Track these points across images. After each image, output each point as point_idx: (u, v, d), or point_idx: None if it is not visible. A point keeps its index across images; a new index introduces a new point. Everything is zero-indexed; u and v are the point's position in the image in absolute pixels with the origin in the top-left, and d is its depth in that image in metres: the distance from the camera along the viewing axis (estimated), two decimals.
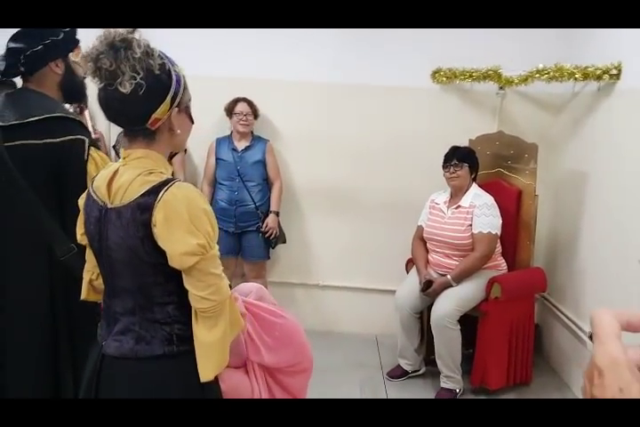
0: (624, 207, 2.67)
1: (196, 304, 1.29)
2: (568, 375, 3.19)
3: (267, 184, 3.47)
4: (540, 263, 3.41)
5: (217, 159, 3.43)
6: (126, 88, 1.21)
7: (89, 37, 1.30)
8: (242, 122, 3.36)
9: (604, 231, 2.85)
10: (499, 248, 3.06)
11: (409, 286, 3.10)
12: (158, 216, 1.23)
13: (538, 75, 2.97)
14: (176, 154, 2.90)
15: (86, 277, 1.51)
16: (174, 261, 1.26)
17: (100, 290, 1.48)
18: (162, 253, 1.26)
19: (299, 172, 3.64)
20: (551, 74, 2.90)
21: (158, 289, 1.32)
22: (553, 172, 3.41)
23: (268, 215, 3.40)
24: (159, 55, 1.28)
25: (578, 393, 3.05)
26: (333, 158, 3.61)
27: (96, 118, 3.21)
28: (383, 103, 3.54)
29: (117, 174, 1.33)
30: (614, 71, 2.71)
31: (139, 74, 1.23)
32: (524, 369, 3.10)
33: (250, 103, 3.36)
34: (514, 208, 3.14)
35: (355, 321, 3.65)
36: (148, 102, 1.27)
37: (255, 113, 3.41)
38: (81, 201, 1.43)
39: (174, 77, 1.31)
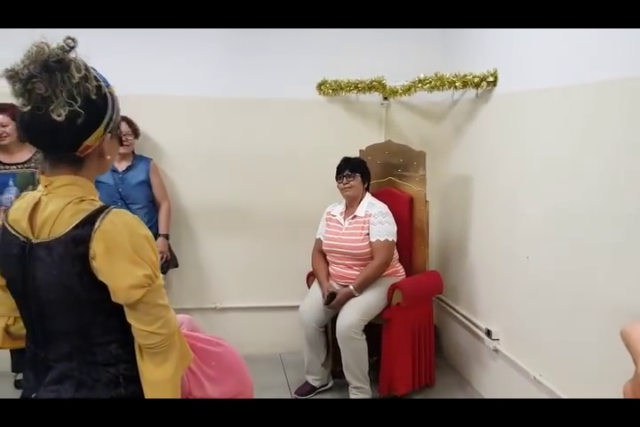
0: (508, 207, 2.81)
1: (144, 340, 1.22)
2: (469, 373, 3.32)
3: (153, 206, 3.33)
4: (435, 266, 3.52)
5: (96, 182, 3.22)
6: (60, 115, 1.11)
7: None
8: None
9: (492, 231, 2.99)
10: (396, 255, 3.13)
11: (312, 301, 3.09)
12: (97, 248, 1.15)
13: (420, 84, 3.08)
14: None
15: (0, 323, 1.35)
16: (119, 296, 1.19)
17: (17, 336, 1.35)
18: (102, 289, 1.19)
19: (187, 191, 3.53)
20: (432, 83, 3.02)
21: (98, 328, 1.24)
22: (440, 177, 3.53)
23: (156, 239, 3.27)
24: (94, 77, 1.19)
25: (479, 389, 3.19)
26: (223, 175, 3.54)
27: None
28: (270, 116, 3.53)
29: (40, 205, 1.21)
30: (491, 78, 2.85)
31: (75, 101, 1.13)
32: (428, 371, 3.19)
33: (129, 122, 3.20)
34: (407, 215, 3.22)
35: (257, 342, 3.57)
36: (82, 131, 1.18)
37: (135, 132, 3.25)
38: None
39: (110, 102, 1.23)
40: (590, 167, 2.18)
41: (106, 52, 2.60)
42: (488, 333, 2.97)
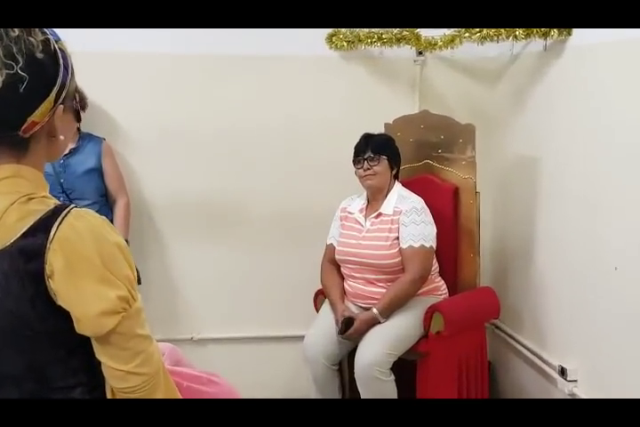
0: (589, 200, 2.77)
1: (119, 383, 1.22)
2: None
3: (106, 202, 3.36)
4: (489, 281, 3.52)
5: None
6: None
7: None
8: None
9: (567, 234, 2.95)
10: (436, 266, 3.13)
11: (321, 329, 3.09)
12: (56, 263, 1.14)
13: (467, 34, 3.06)
14: None
15: None
16: (86, 327, 1.18)
17: None
18: (62, 316, 1.17)
19: (153, 181, 3.54)
20: (484, 32, 2.98)
21: (58, 368, 1.24)
22: (495, 160, 3.53)
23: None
24: (40, 29, 1.18)
25: None
26: (201, 160, 3.55)
27: None
28: (265, 80, 3.53)
29: None
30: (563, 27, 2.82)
31: (15, 61, 1.12)
32: None
33: None
34: (450, 211, 3.23)
35: (248, 385, 3.47)
36: (26, 101, 1.16)
37: (82, 102, 3.23)
38: None
39: (61, 61, 1.21)
40: None
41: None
42: (562, 372, 2.95)
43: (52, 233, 1.15)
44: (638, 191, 2.46)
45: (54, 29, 1.22)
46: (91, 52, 3.14)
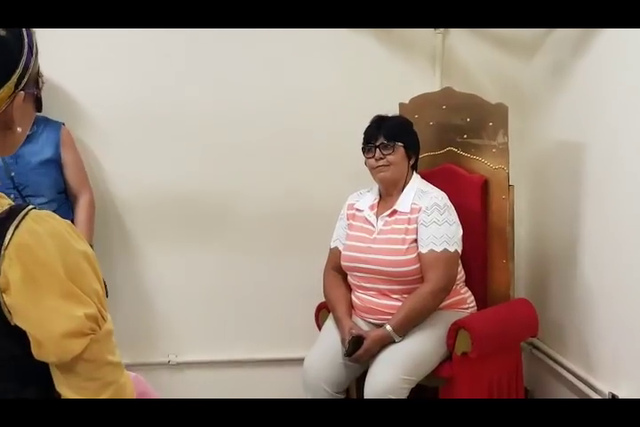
0: None
1: None
2: None
3: (66, 199, 3.38)
4: (525, 292, 3.56)
5: None
6: None
7: None
8: None
9: (622, 235, 2.94)
10: (461, 274, 3.14)
11: (324, 350, 3.09)
12: (11, 275, 1.14)
13: None
14: None
15: None
16: (48, 351, 1.18)
17: None
18: (16, 339, 1.18)
19: (120, 175, 3.56)
20: None
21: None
22: (533, 147, 3.57)
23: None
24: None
25: None
26: (180, 150, 3.57)
27: None
28: (257, 54, 3.55)
29: None
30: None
31: None
32: None
33: None
34: (478, 208, 3.24)
35: None
36: None
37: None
38: None
39: (26, 39, 1.23)
40: None
41: None
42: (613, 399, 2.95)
43: (6, 238, 1.15)
44: None
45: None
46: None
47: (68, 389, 1.21)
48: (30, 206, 1.20)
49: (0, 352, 1.20)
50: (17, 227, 1.15)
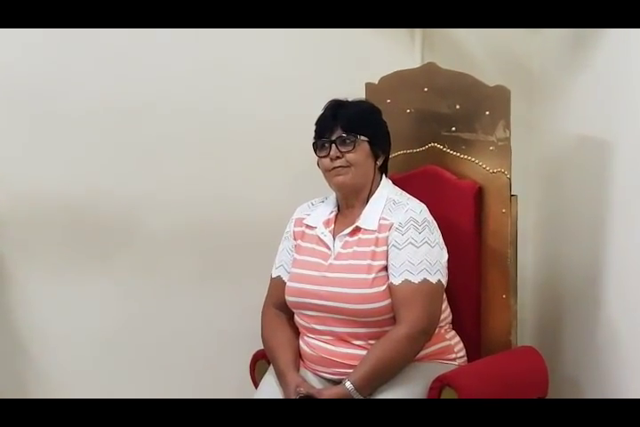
0: None
1: None
2: None
3: None
4: (531, 338, 3.54)
5: None
6: None
7: None
8: None
9: None
10: (447, 313, 2.93)
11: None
12: None
13: None
14: None
15: None
16: None
17: None
18: None
19: None
20: None
21: None
22: (544, 145, 3.58)
23: None
24: None
25: None
26: (74, 145, 3.39)
27: None
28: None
29: None
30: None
31: None
32: None
33: None
34: (470, 225, 3.06)
35: None
36: None
37: None
38: None
39: None
40: None
41: None
42: None
43: None
44: None
45: None
46: None
47: None
48: None
49: None
50: None
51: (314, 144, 2.85)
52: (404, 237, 2.72)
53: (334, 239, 2.86)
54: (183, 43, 3.48)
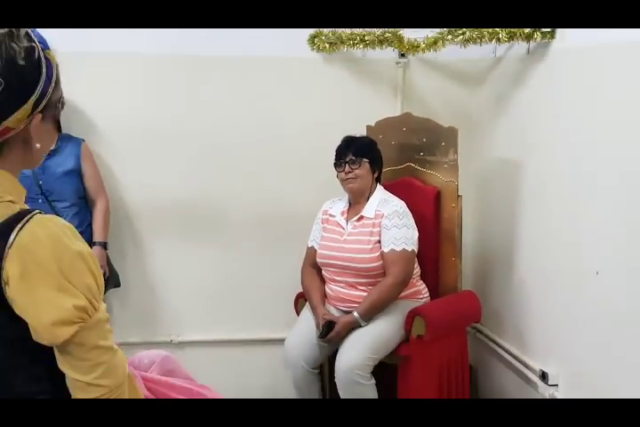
0: (574, 203, 2.76)
1: (81, 394, 1.22)
2: None
3: (85, 204, 3.34)
4: (470, 285, 3.55)
5: None
6: None
7: None
8: None
9: (549, 238, 2.96)
10: (417, 269, 3.14)
11: (301, 333, 3.08)
12: (12, 269, 1.13)
13: (450, 36, 3.06)
14: None
15: None
16: (41, 335, 1.17)
17: None
18: (23, 324, 1.17)
19: (131, 183, 3.53)
20: (467, 34, 2.99)
21: (20, 375, 1.24)
22: (478, 164, 3.56)
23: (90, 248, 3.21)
24: (27, 34, 1.18)
25: None
26: (182, 162, 3.55)
27: None
28: (245, 81, 3.53)
29: None
30: (547, 28, 2.84)
31: None
32: None
33: None
34: (432, 214, 3.23)
35: (229, 387, 3.45)
36: (1, 107, 1.17)
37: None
38: None
39: (44, 70, 1.21)
40: None
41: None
42: (543, 376, 2.95)
43: (10, 239, 1.15)
44: (622, 196, 2.45)
45: (45, 39, 1.22)
46: (68, 51, 3.13)
47: (65, 366, 1.21)
48: (36, 211, 1.19)
49: (10, 334, 1.19)
50: (20, 229, 1.15)
51: (335, 163, 3.09)
52: (391, 223, 2.99)
53: (347, 223, 3.10)
54: (255, 101, 3.54)
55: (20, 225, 1.16)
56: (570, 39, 2.79)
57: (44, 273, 1.15)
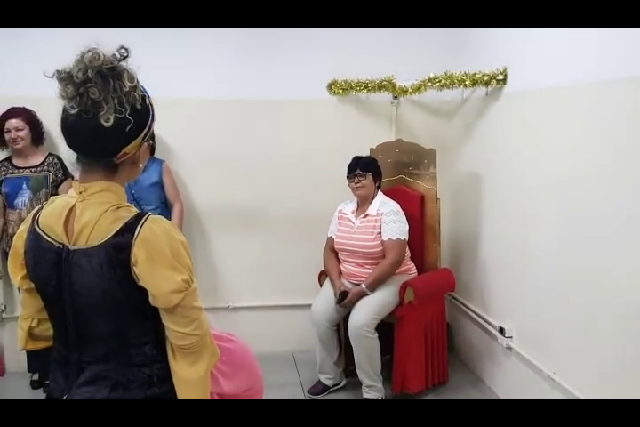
0: (521, 204, 2.78)
1: (179, 341, 1.24)
2: (482, 371, 3.30)
3: (166, 207, 3.33)
4: (447, 264, 3.52)
5: None
6: (109, 121, 1.13)
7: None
8: None
9: (504, 228, 2.97)
10: (408, 253, 3.12)
11: (324, 299, 3.08)
12: (139, 255, 1.17)
13: (430, 83, 3.07)
14: None
15: (24, 324, 1.38)
16: (159, 301, 1.21)
17: (41, 337, 1.38)
18: (141, 293, 1.21)
19: (200, 192, 3.52)
20: (442, 82, 3.00)
21: (135, 330, 1.26)
22: (451, 175, 3.52)
23: None
24: (141, 87, 1.22)
25: (493, 387, 3.16)
26: (235, 176, 3.53)
27: None
28: (282, 117, 3.53)
29: (74, 211, 1.22)
30: (500, 76, 2.84)
31: (124, 108, 1.16)
32: (441, 370, 3.17)
33: None
34: (418, 213, 3.21)
35: (270, 340, 3.56)
36: (125, 138, 1.19)
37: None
38: (18, 241, 1.30)
39: (151, 112, 1.26)
40: (603, 164, 2.15)
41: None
42: (501, 330, 2.95)
43: (135, 233, 1.18)
44: (555, 199, 2.49)
45: (145, 87, 1.25)
46: (156, 96, 3.18)
47: (170, 322, 1.23)
48: (149, 213, 1.23)
49: (132, 301, 1.22)
50: (142, 226, 1.19)
51: (347, 176, 3.08)
52: (389, 219, 2.98)
53: (356, 219, 3.08)
54: (287, 133, 3.53)
55: (141, 223, 1.19)
56: (516, 85, 2.81)
57: (162, 257, 1.18)
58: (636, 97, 1.96)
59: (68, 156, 1.28)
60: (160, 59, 3.25)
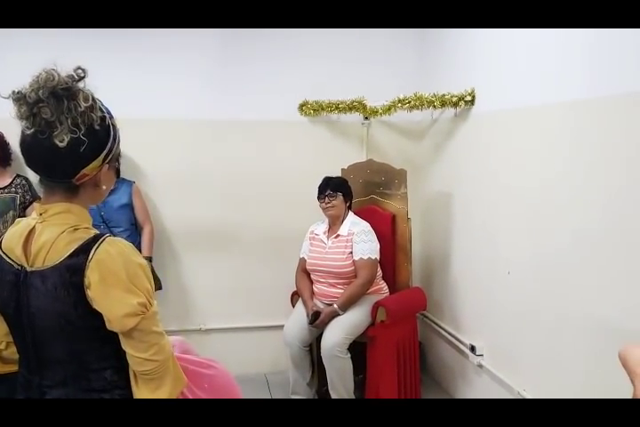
0: (490, 223, 2.81)
1: (138, 367, 1.21)
2: (454, 389, 3.29)
3: (136, 229, 3.29)
4: (418, 282, 3.52)
5: None
6: (63, 142, 1.12)
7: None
8: None
9: (474, 247, 2.99)
10: (379, 272, 3.12)
11: (296, 320, 3.05)
12: (92, 277, 1.15)
13: (400, 104, 3.09)
14: None
15: None
16: (114, 325, 1.18)
17: (10, 360, 1.34)
18: (97, 317, 1.18)
19: (170, 213, 3.49)
20: (412, 103, 3.03)
21: (93, 355, 1.24)
22: (421, 194, 3.55)
23: None
24: (100, 108, 1.21)
25: None
26: (207, 196, 3.51)
27: None
28: (253, 137, 3.53)
29: (34, 233, 1.21)
30: (469, 98, 2.88)
31: (79, 129, 1.15)
32: (414, 388, 3.16)
33: None
34: (389, 232, 3.21)
35: (242, 362, 3.51)
36: (81, 159, 1.18)
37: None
38: None
39: (112, 133, 1.24)
40: (573, 183, 2.18)
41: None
42: (472, 348, 2.96)
43: (90, 255, 1.16)
44: (522, 219, 2.52)
45: (109, 108, 1.25)
46: (125, 118, 3.17)
47: (128, 347, 1.20)
48: (107, 235, 1.20)
49: (87, 324, 1.19)
50: (97, 248, 1.17)
51: (318, 197, 3.08)
52: (360, 238, 2.98)
53: (328, 240, 3.08)
54: (259, 153, 3.51)
55: (96, 245, 1.17)
56: (484, 106, 2.85)
57: (117, 279, 1.16)
58: (600, 115, 2.00)
59: (34, 177, 1.26)
60: (130, 79, 3.26)
